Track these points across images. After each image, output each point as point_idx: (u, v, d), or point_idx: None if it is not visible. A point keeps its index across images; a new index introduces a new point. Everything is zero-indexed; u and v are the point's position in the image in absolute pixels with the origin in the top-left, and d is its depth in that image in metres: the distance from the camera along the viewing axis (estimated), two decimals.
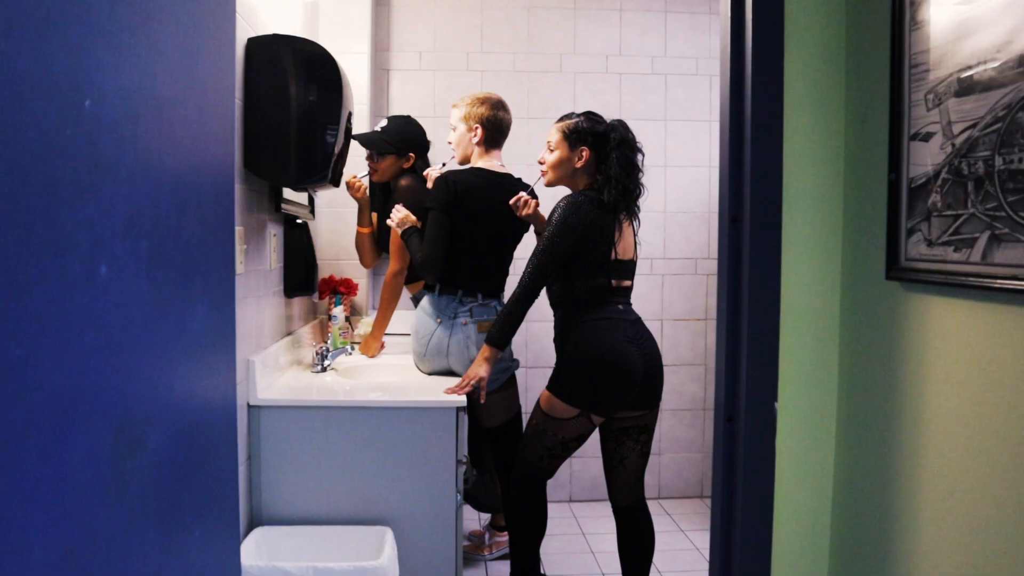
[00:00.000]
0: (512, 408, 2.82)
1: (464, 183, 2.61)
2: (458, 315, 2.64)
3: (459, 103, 2.75)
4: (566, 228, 2.40)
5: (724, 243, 1.43)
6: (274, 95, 2.19)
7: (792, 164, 1.33)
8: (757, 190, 1.34)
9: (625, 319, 2.49)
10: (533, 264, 2.43)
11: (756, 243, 1.35)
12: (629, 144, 2.51)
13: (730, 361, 1.40)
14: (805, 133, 1.33)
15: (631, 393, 2.45)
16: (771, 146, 1.33)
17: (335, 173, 2.43)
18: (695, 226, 4.10)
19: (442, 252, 2.61)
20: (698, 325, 4.13)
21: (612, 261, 2.47)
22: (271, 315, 2.57)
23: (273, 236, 2.56)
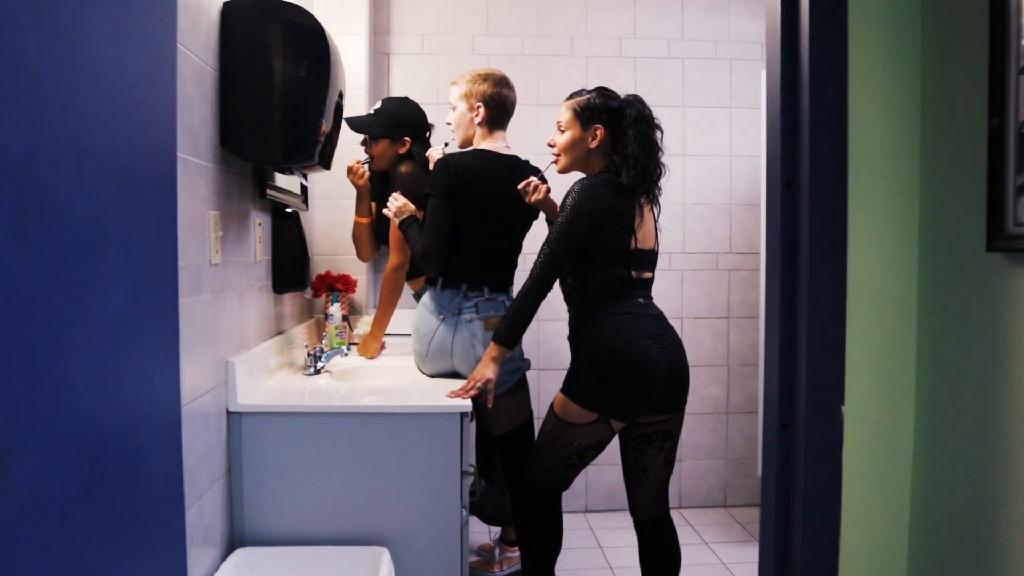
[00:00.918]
0: (523, 413, 2.58)
1: (466, 166, 2.38)
2: (462, 311, 2.41)
3: (459, 80, 2.52)
4: (581, 214, 2.17)
5: (776, 215, 1.18)
6: (254, 67, 1.96)
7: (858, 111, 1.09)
8: (818, 146, 1.10)
9: (646, 313, 2.25)
10: (545, 254, 2.19)
11: (817, 212, 1.11)
12: (646, 120, 2.27)
13: (785, 357, 1.16)
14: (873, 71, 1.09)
15: (654, 395, 2.20)
16: (833, 89, 1.09)
17: (324, 155, 2.20)
18: (715, 219, 3.85)
19: (443, 242, 2.37)
20: (719, 324, 3.88)
21: (632, 250, 2.23)
22: (257, 312, 2.34)
23: (258, 225, 2.33)
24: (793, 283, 1.16)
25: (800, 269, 1.15)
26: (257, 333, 2.35)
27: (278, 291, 2.55)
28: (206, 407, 1.88)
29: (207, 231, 1.87)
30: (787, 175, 1.15)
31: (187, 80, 1.73)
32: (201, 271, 1.83)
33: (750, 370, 3.90)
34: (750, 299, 3.87)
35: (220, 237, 1.94)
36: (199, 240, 1.81)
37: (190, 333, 1.75)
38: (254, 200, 2.28)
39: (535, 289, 2.18)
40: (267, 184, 2.33)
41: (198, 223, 1.81)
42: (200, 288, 1.82)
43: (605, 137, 2.27)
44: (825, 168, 1.11)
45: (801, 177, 1.13)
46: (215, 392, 1.95)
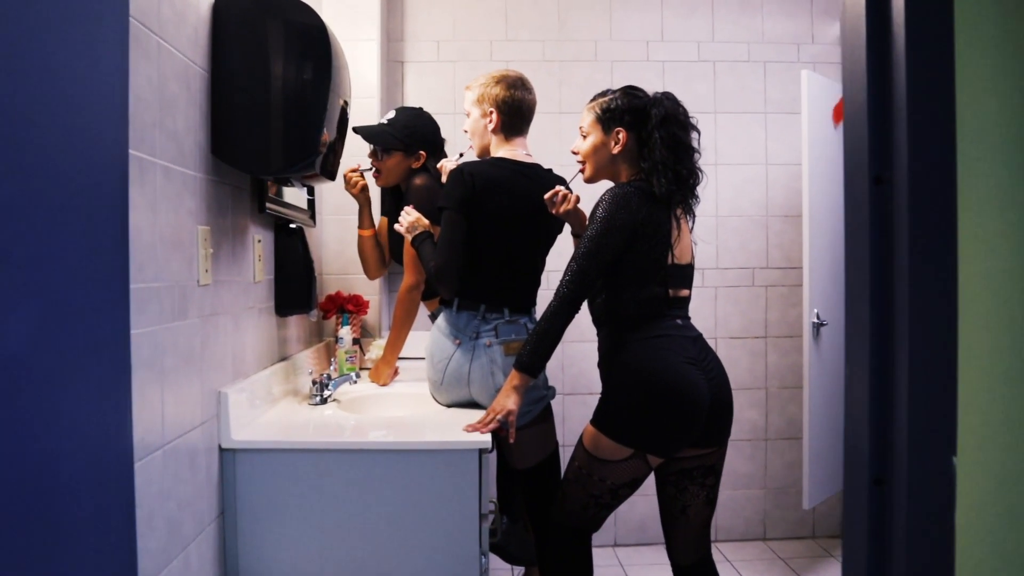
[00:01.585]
0: (548, 445, 2.35)
1: (483, 176, 2.17)
2: (480, 335, 2.19)
3: (472, 84, 2.32)
4: (613, 227, 1.95)
5: (861, 218, 0.96)
6: (250, 67, 1.77)
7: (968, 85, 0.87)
8: (919, 131, 0.88)
9: (685, 336, 2.02)
10: (572, 271, 1.97)
11: (918, 213, 0.89)
12: (676, 120, 2.05)
13: (876, 395, 0.93)
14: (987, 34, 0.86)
15: (696, 427, 1.97)
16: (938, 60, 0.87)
17: (327, 166, 2.00)
18: (751, 231, 3.62)
19: (458, 259, 2.16)
20: (756, 344, 3.64)
21: (669, 266, 2.01)
22: (256, 337, 2.13)
23: (258, 242, 2.13)
24: (885, 302, 0.93)
25: (895, 285, 0.92)
26: (257, 360, 2.14)
27: (281, 314, 2.35)
28: (193, 444, 1.67)
29: (194, 248, 1.67)
30: (877, 169, 0.93)
31: (169, 78, 1.54)
32: (187, 293, 1.63)
33: (790, 393, 3.65)
34: (789, 317, 3.63)
35: (210, 255, 1.75)
36: (184, 258, 1.61)
37: (172, 363, 1.55)
38: (252, 215, 2.09)
39: (561, 310, 1.96)
40: (267, 197, 2.13)
41: (183, 239, 1.61)
42: (185, 312, 1.62)
43: (629, 141, 2.06)
44: (929, 159, 0.88)
45: (896, 171, 0.91)
46: (205, 428, 1.74)
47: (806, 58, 3.60)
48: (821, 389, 3.14)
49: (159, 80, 1.49)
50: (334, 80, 1.86)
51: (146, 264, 1.42)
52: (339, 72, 1.93)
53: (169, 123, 1.54)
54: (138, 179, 1.39)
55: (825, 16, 3.60)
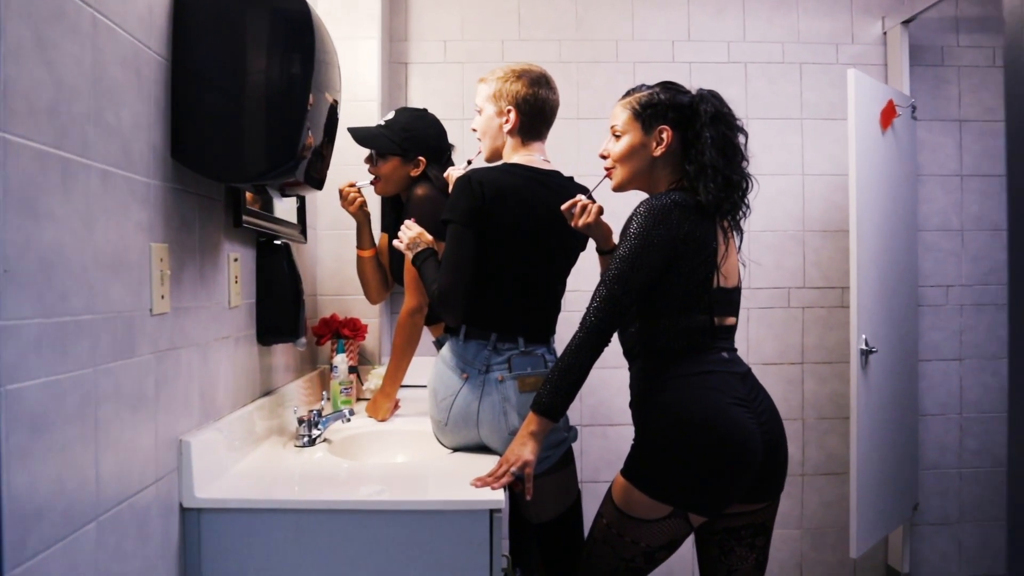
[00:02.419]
0: (568, 495, 2.04)
1: (494, 185, 1.87)
2: (491, 368, 1.89)
3: (488, 77, 2.02)
4: (649, 244, 1.65)
5: None
6: (218, 57, 1.49)
7: None
8: None
9: (733, 372, 1.72)
10: (601, 296, 1.67)
11: None
12: (726, 120, 1.76)
13: None
14: None
15: (746, 480, 1.67)
16: None
17: (313, 173, 1.71)
18: (786, 248, 3.31)
19: (465, 280, 1.86)
20: (792, 371, 3.32)
21: (714, 290, 1.71)
22: (232, 371, 1.84)
23: (234, 261, 1.84)
24: None
25: None
26: (232, 397, 1.85)
27: (264, 342, 2.06)
28: (144, 508, 1.37)
29: (146, 270, 1.38)
30: None
31: (110, 62, 1.26)
32: (135, 325, 1.34)
33: (829, 424, 3.32)
34: (828, 341, 3.31)
35: (168, 277, 1.45)
36: (131, 283, 1.32)
37: (112, 411, 1.25)
38: (227, 229, 1.80)
39: (588, 343, 1.65)
40: (245, 209, 1.85)
41: (129, 260, 1.32)
42: (132, 348, 1.33)
43: (674, 142, 1.77)
44: None
45: None
46: (161, 485, 1.45)
47: (846, 59, 3.30)
48: (869, 422, 2.82)
49: (94, 63, 1.20)
50: (318, 73, 1.58)
51: (71, 292, 1.13)
52: (326, 65, 1.65)
53: (109, 118, 1.25)
54: (59, 185, 1.10)
55: (866, 14, 3.31)
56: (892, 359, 2.99)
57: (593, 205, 1.84)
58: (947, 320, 3.36)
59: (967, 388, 3.37)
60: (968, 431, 3.37)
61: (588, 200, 1.84)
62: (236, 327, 1.88)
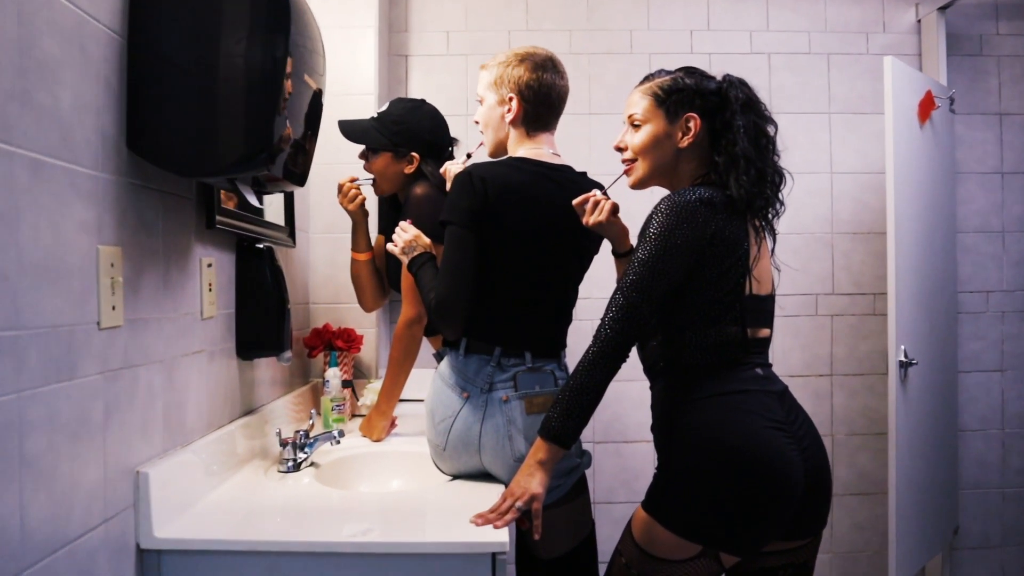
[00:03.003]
0: (581, 528, 1.83)
1: (498, 181, 1.67)
2: (495, 387, 1.68)
3: (489, 63, 1.82)
4: (671, 246, 1.45)
5: None
6: (180, 35, 1.29)
7: None
8: None
9: (769, 391, 1.51)
10: (618, 306, 1.46)
11: None
12: (757, 108, 1.57)
13: None
14: None
15: (786, 515, 1.46)
16: None
17: (293, 168, 1.52)
18: (814, 251, 3.10)
19: (466, 288, 1.65)
20: (820, 383, 3.11)
21: (746, 298, 1.50)
22: (205, 389, 1.65)
23: (207, 267, 1.65)
24: None
25: None
26: (206, 418, 1.66)
27: (245, 356, 1.87)
28: (87, 554, 1.18)
29: (92, 277, 1.19)
30: None
31: (43, 33, 1.07)
32: (77, 341, 1.15)
33: (860, 441, 3.11)
34: (859, 351, 3.09)
35: (120, 285, 1.26)
36: (73, 292, 1.13)
37: (44, 444, 1.06)
38: (199, 231, 1.61)
39: (603, 359, 1.45)
40: (220, 208, 1.65)
41: (70, 265, 1.13)
42: (74, 368, 1.14)
43: (702, 131, 1.56)
44: None
45: None
46: (112, 525, 1.25)
47: (877, 49, 3.09)
48: (908, 440, 2.60)
49: (20, 32, 1.01)
50: (298, 56, 1.38)
51: None
52: (307, 49, 1.46)
53: (44, 98, 1.06)
54: None
55: (899, 0, 3.10)
56: (931, 371, 2.77)
57: (606, 201, 1.64)
58: (988, 328, 3.13)
59: (1010, 401, 3.14)
60: (1011, 448, 3.14)
61: (602, 196, 1.64)
62: (211, 340, 1.69)
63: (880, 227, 3.06)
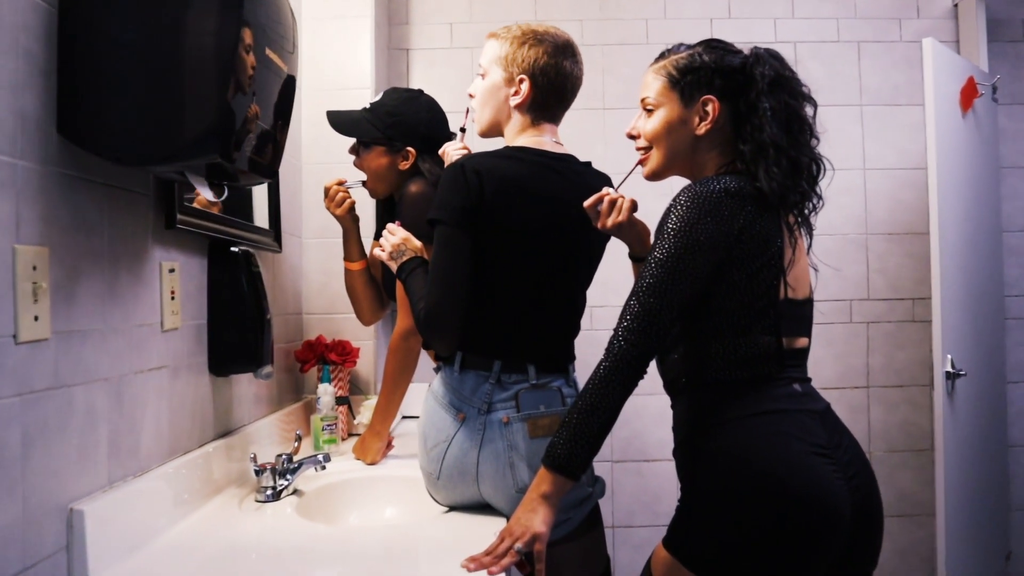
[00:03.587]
0: (595, 565, 1.62)
1: (494, 174, 1.46)
2: (494, 407, 1.47)
3: (501, 33, 1.61)
4: (694, 244, 1.24)
5: None
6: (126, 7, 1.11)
7: None
8: None
9: (809, 410, 1.30)
10: (634, 313, 1.26)
11: None
12: (789, 86, 1.36)
13: None
14: None
15: (831, 554, 1.24)
16: None
17: (260, 159, 1.33)
18: (848, 254, 2.88)
19: (459, 296, 1.44)
20: (856, 396, 2.88)
21: (781, 302, 1.30)
22: (168, 408, 1.46)
23: (169, 272, 1.47)
24: None
25: None
26: (168, 443, 1.47)
27: (218, 372, 1.68)
28: None
29: (6, 281, 1.00)
30: None
31: None
32: None
33: (900, 459, 2.87)
34: (897, 361, 2.86)
35: (46, 292, 1.08)
36: None
37: None
38: (156, 231, 1.43)
39: (617, 375, 1.24)
40: (182, 206, 1.47)
41: None
42: None
43: (722, 115, 1.36)
44: None
45: None
46: (37, 573, 1.06)
47: (910, 35, 2.87)
48: (956, 457, 2.37)
49: None
50: (258, 28, 1.20)
51: None
52: (268, 17, 1.27)
53: None
54: None
55: None
56: (979, 382, 2.54)
57: (625, 199, 1.43)
58: None
59: None
60: None
61: (618, 194, 1.44)
62: (174, 354, 1.50)
63: (918, 227, 2.84)
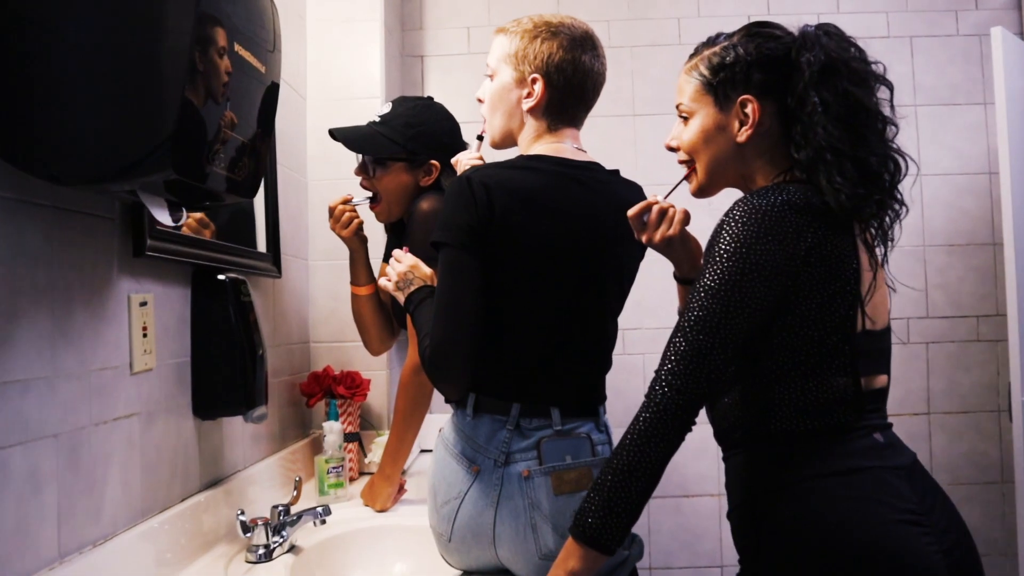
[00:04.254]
0: None
1: (505, 187, 1.26)
2: (513, 458, 1.26)
3: (510, 27, 1.40)
4: (753, 268, 1.03)
5: None
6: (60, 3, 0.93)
7: None
8: None
9: (895, 466, 1.08)
10: (680, 353, 1.04)
11: None
12: (848, 68, 1.13)
13: None
14: None
15: None
16: None
17: (237, 174, 1.14)
18: (903, 267, 2.62)
19: (469, 330, 1.23)
20: (916, 423, 2.63)
21: (858, 335, 1.08)
22: (142, 461, 1.28)
23: (140, 306, 1.28)
24: None
25: None
26: (140, 501, 1.28)
27: (203, 415, 1.49)
28: None
29: None
30: None
31: None
32: None
33: (967, 492, 2.61)
34: (962, 385, 2.61)
35: None
36: None
37: None
38: (123, 260, 1.24)
39: (660, 427, 1.03)
40: (154, 231, 1.28)
41: None
42: None
43: (766, 116, 1.14)
44: None
45: None
46: None
47: (969, 28, 2.64)
48: None
49: None
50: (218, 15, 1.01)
51: None
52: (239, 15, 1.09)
53: None
54: None
55: None
56: None
57: (676, 210, 1.22)
58: None
59: None
60: None
61: (666, 203, 1.22)
62: (148, 399, 1.31)
63: (981, 238, 2.60)
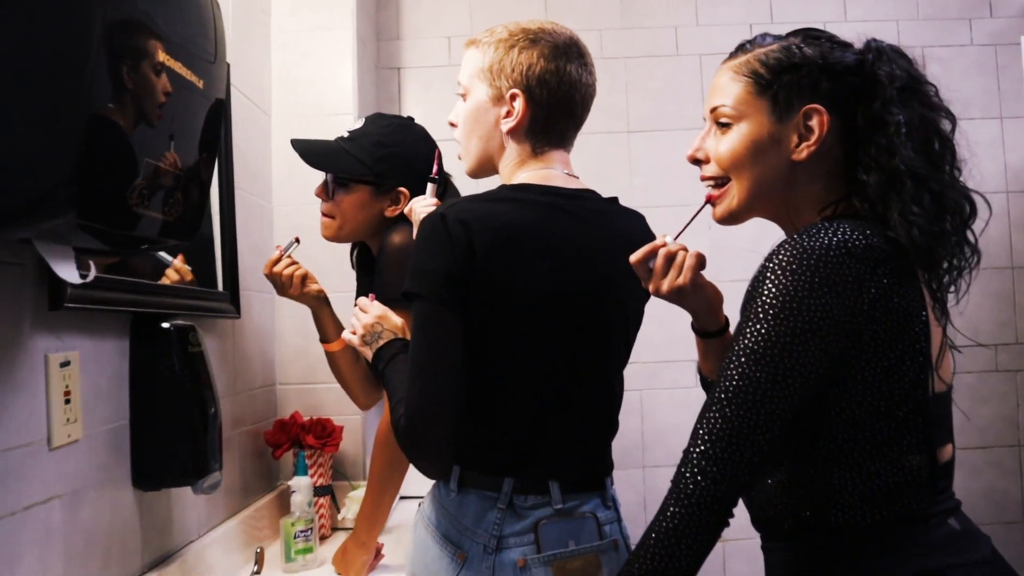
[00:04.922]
0: None
1: (487, 223, 1.05)
2: (505, 543, 1.05)
3: (482, 39, 1.20)
4: (804, 328, 0.83)
5: None
6: None
7: None
8: None
9: (979, 561, 0.90)
10: (715, 431, 0.84)
11: None
12: (921, 92, 0.95)
13: None
14: None
15: None
16: None
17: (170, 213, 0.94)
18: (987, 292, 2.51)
19: (448, 398, 1.02)
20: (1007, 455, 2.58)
21: (928, 400, 0.88)
22: (63, 550, 1.06)
23: (61, 366, 1.07)
24: None
25: None
26: None
27: (144, 486, 1.28)
28: None
29: None
30: None
31: None
32: None
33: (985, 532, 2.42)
34: (979, 419, 2.44)
35: None
36: None
37: None
38: (38, 315, 1.03)
39: (693, 524, 0.83)
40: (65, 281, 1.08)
41: None
42: None
43: (831, 133, 0.95)
44: None
45: None
46: None
47: (983, 38, 2.49)
48: None
49: None
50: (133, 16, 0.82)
51: None
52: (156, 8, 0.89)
53: None
54: None
55: None
56: None
57: (687, 254, 1.01)
58: None
59: None
60: None
61: (677, 245, 1.01)
62: (74, 476, 1.10)
63: (999, 261, 2.47)
